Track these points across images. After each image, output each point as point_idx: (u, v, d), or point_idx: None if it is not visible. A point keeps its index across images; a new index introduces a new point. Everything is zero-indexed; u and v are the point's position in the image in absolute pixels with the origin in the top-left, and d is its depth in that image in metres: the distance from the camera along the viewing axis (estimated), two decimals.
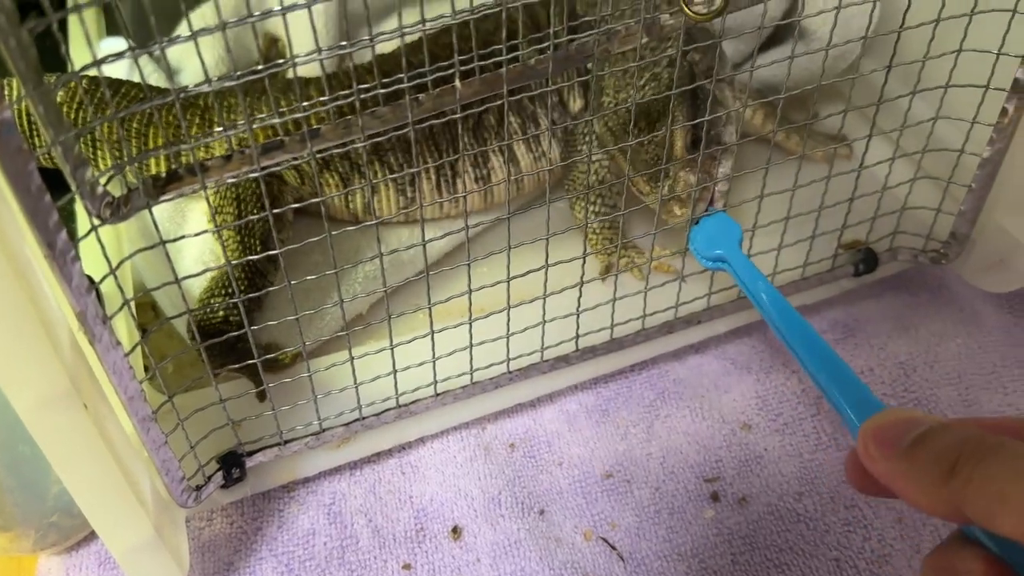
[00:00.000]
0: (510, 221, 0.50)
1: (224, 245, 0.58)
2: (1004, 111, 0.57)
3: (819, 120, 0.60)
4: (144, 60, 0.74)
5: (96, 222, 0.39)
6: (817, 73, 0.55)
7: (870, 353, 0.67)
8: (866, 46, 0.71)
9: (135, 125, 0.62)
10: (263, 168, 0.43)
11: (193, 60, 0.77)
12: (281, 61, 0.40)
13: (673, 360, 0.66)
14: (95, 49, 0.37)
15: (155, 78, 0.74)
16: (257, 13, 0.38)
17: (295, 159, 0.43)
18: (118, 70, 0.70)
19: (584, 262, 0.54)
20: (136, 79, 0.67)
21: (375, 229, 0.47)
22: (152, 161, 0.62)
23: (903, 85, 0.57)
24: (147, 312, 0.65)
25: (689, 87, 0.54)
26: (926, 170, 0.62)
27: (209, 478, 0.53)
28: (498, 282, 0.52)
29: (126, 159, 0.40)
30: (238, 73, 0.39)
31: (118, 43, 0.79)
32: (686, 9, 0.42)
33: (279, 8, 0.37)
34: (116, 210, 0.40)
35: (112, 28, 0.83)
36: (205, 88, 0.40)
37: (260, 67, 0.40)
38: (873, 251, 0.65)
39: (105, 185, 0.40)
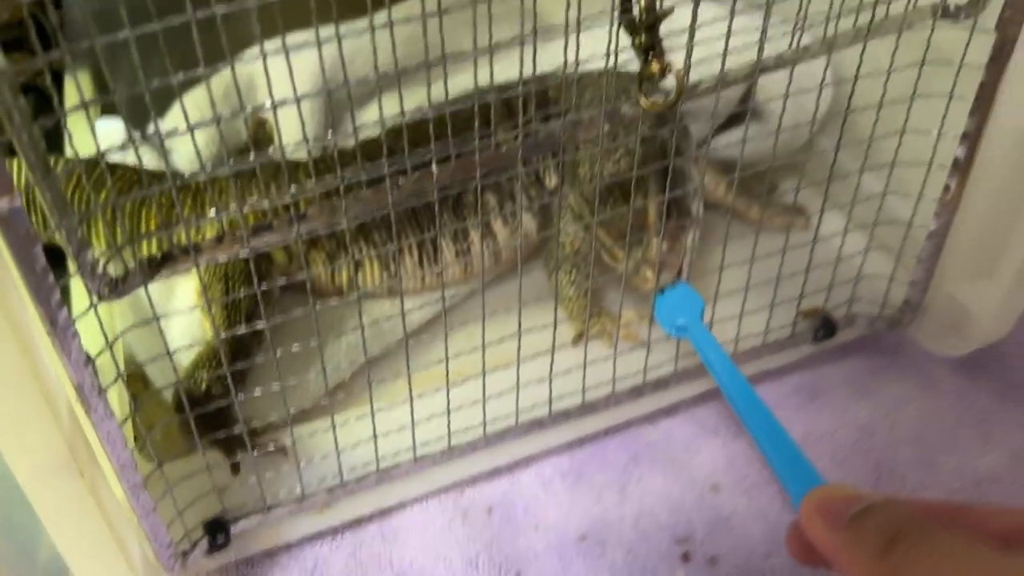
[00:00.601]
0: (484, 291, 0.53)
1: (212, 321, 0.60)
2: (947, 187, 0.61)
3: (777, 193, 0.64)
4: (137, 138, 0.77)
5: (95, 300, 0.42)
6: (776, 148, 0.59)
7: (832, 416, 0.70)
8: (822, 123, 0.75)
9: (129, 206, 0.65)
10: (246, 265, 0.45)
11: (186, 142, 0.80)
12: (270, 150, 0.43)
13: (645, 423, 0.69)
14: (92, 125, 0.40)
15: (149, 155, 0.77)
16: (248, 105, 0.41)
17: (284, 252, 0.46)
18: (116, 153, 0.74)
19: (555, 328, 0.57)
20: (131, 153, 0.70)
21: (358, 302, 0.50)
22: (145, 244, 0.65)
23: (855, 160, 0.61)
24: (137, 382, 0.67)
25: (662, 163, 0.58)
26: (879, 240, 0.66)
27: (195, 544, 0.55)
28: (473, 349, 0.54)
29: (123, 240, 0.42)
30: (231, 160, 0.43)
31: (115, 123, 0.82)
32: (642, 101, 0.46)
33: (269, 102, 0.41)
34: (114, 288, 0.43)
35: (106, 108, 0.86)
36: (199, 176, 0.43)
37: (250, 154, 0.44)
38: (831, 318, 0.68)
39: (105, 265, 0.42)
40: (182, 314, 0.67)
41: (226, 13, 0.37)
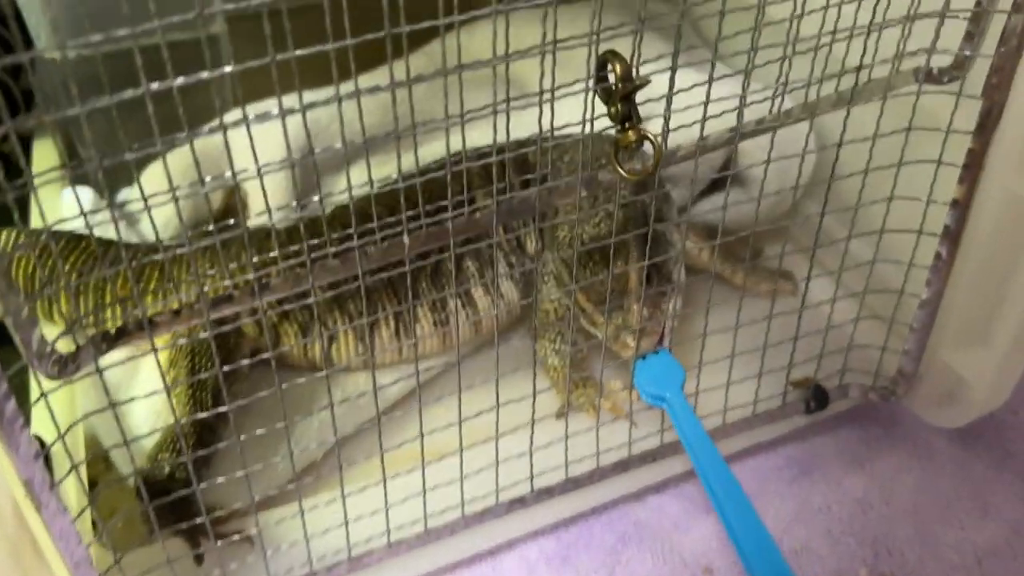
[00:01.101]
0: (461, 363, 0.51)
1: (176, 399, 0.58)
2: (938, 255, 0.59)
3: (763, 258, 0.63)
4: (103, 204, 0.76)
5: (48, 386, 0.40)
6: (759, 213, 0.57)
7: (827, 490, 0.67)
8: (808, 188, 0.74)
9: (93, 279, 0.63)
10: (216, 322, 0.43)
11: (157, 210, 0.78)
12: (231, 222, 0.42)
13: (633, 500, 0.66)
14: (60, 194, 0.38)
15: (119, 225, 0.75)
16: (222, 173, 0.39)
17: (251, 312, 0.44)
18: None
19: (535, 399, 0.54)
20: (98, 230, 0.68)
21: (330, 376, 0.47)
22: (108, 315, 0.62)
23: (842, 226, 0.59)
24: (98, 464, 0.64)
25: (642, 230, 0.56)
26: (870, 308, 0.64)
27: None
28: (449, 425, 0.52)
29: (79, 316, 0.40)
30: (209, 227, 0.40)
31: (83, 192, 0.80)
32: (619, 169, 0.44)
33: (242, 170, 0.39)
34: (64, 367, 0.41)
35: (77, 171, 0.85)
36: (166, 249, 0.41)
37: (221, 224, 0.42)
38: (823, 388, 0.66)
39: (53, 343, 0.40)
40: (146, 386, 0.64)
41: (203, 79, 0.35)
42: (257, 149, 0.40)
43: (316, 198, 0.42)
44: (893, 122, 0.54)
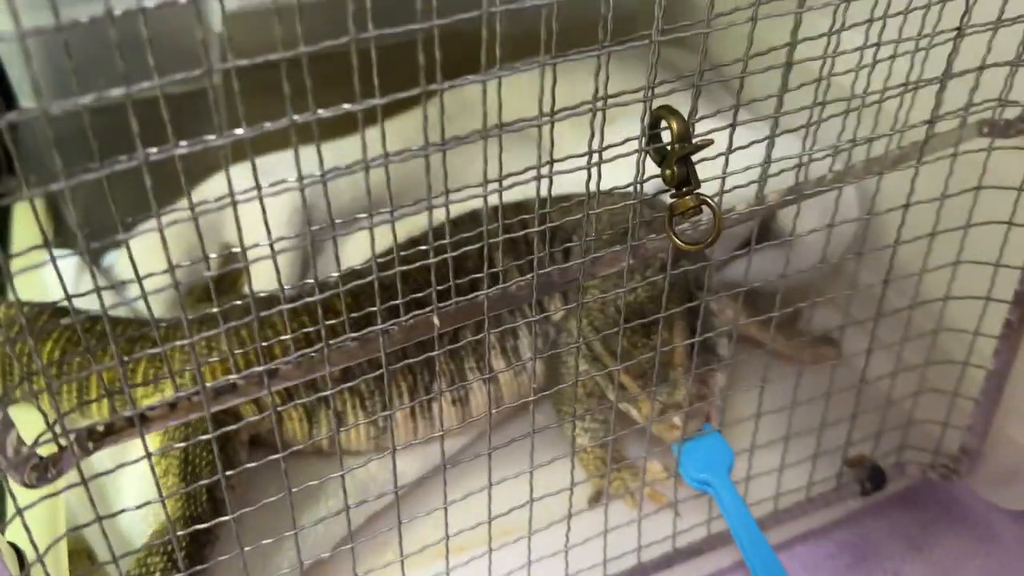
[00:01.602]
0: (491, 456, 0.46)
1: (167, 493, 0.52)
2: (1008, 322, 0.54)
3: (802, 322, 0.58)
4: (87, 275, 0.71)
5: (27, 498, 0.34)
6: (803, 276, 0.52)
7: None
8: (856, 254, 0.69)
9: (78, 360, 0.57)
10: (216, 422, 0.38)
11: (147, 279, 0.73)
12: (238, 302, 0.36)
13: None
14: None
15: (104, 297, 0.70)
16: (217, 240, 0.34)
17: (255, 403, 0.39)
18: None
19: (572, 493, 0.49)
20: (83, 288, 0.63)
21: (341, 465, 0.42)
22: (94, 405, 0.57)
23: (900, 295, 0.54)
24: (83, 560, 0.58)
25: (686, 305, 0.51)
26: (931, 381, 0.59)
27: None
28: (478, 524, 0.46)
29: (59, 415, 0.35)
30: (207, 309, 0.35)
31: (67, 259, 0.75)
32: (675, 240, 0.39)
33: (246, 245, 0.34)
34: (43, 473, 0.35)
35: (57, 237, 0.79)
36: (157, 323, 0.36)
37: (218, 297, 0.37)
38: (880, 468, 0.61)
39: (33, 446, 0.35)
40: (136, 475, 0.59)
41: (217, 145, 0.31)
42: (259, 215, 0.34)
43: (329, 271, 0.37)
44: (950, 181, 0.50)
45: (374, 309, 0.38)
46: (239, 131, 0.30)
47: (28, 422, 0.36)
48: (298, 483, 0.58)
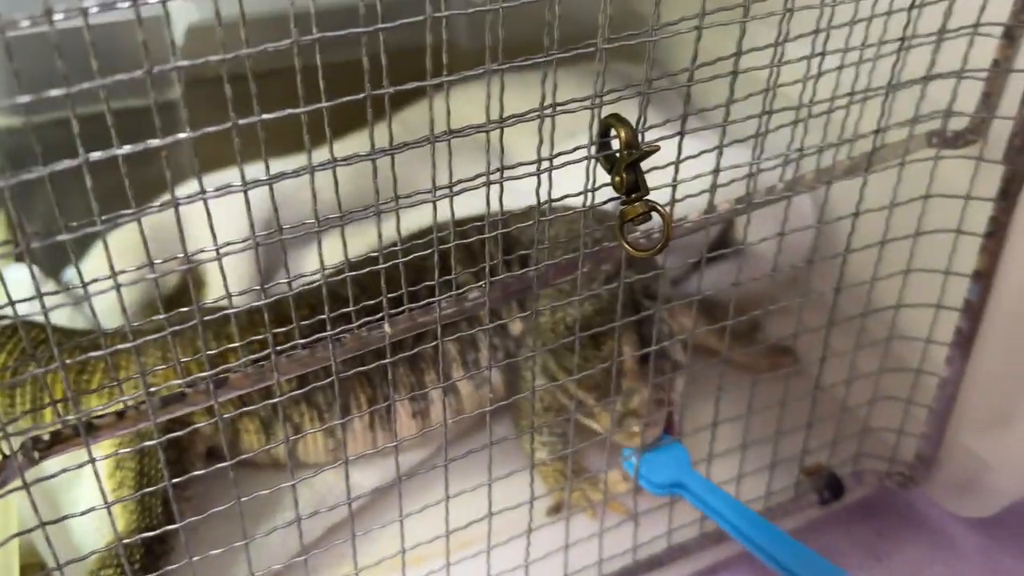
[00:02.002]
0: (447, 468, 0.45)
1: (122, 506, 0.52)
2: (959, 330, 0.55)
3: (761, 334, 0.58)
4: (50, 285, 0.70)
5: None
6: (759, 286, 0.53)
7: None
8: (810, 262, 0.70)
9: (30, 367, 0.57)
10: (166, 425, 0.38)
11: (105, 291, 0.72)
12: (185, 310, 0.36)
13: None
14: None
15: (62, 310, 0.69)
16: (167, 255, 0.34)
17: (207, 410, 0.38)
18: (21, 307, 0.65)
19: (532, 507, 0.49)
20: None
21: (292, 474, 0.42)
22: (47, 413, 0.56)
23: (854, 303, 0.55)
24: (36, 571, 0.57)
25: (634, 317, 0.51)
26: (885, 389, 0.59)
27: None
28: (436, 538, 0.46)
29: (2, 424, 0.34)
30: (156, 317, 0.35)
31: (20, 271, 0.74)
32: (627, 247, 0.40)
33: (197, 252, 0.34)
34: None
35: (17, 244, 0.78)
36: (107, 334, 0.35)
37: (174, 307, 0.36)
38: (837, 477, 0.61)
39: None
40: (90, 480, 0.58)
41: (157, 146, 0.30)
42: (217, 223, 0.35)
43: (283, 279, 0.37)
44: (899, 190, 0.50)
45: (323, 316, 0.38)
46: (182, 135, 0.30)
47: None
48: (257, 499, 0.58)
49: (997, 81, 0.49)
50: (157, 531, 0.43)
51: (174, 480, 0.39)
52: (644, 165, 0.39)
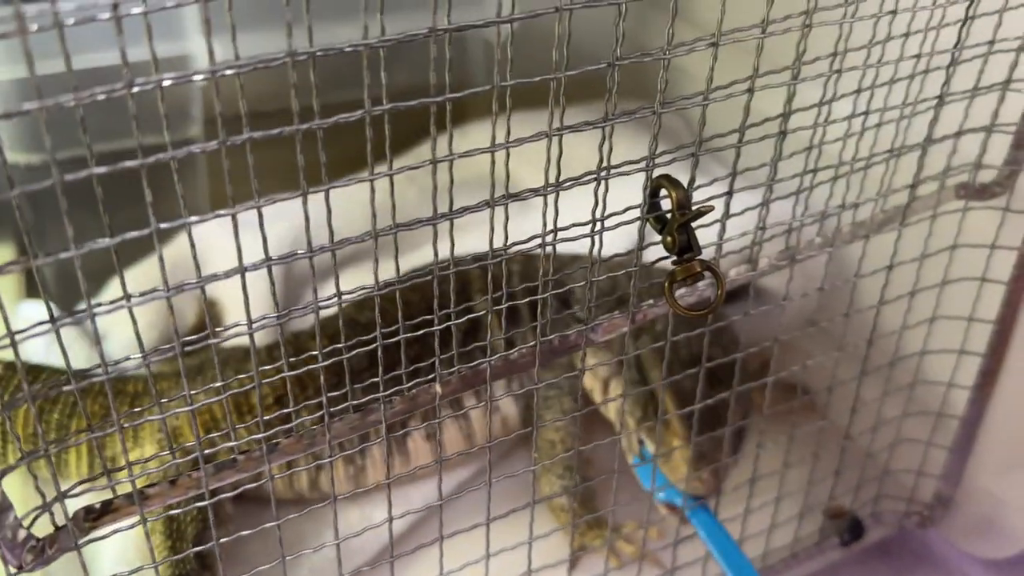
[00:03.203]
0: (442, 508, 0.45)
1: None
2: (982, 373, 0.55)
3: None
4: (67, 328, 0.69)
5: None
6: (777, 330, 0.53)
7: None
8: (833, 317, 0.70)
9: (56, 417, 0.56)
10: (212, 493, 0.37)
11: (120, 327, 0.71)
12: (201, 335, 0.35)
13: None
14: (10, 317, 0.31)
15: (77, 347, 0.68)
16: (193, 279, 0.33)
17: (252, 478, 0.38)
18: (36, 345, 0.64)
19: (530, 547, 0.47)
20: (55, 356, 0.61)
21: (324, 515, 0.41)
22: (72, 459, 0.55)
23: (880, 353, 0.55)
24: None
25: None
26: (906, 432, 0.60)
27: None
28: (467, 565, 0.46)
29: (60, 494, 0.34)
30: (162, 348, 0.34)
31: (37, 308, 0.73)
32: (676, 306, 0.39)
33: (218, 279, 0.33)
34: (40, 554, 0.34)
35: (32, 288, 0.77)
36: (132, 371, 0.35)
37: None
38: (859, 520, 0.61)
39: (30, 525, 0.33)
40: (114, 542, 0.57)
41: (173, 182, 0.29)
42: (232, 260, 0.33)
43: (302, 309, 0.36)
44: (921, 242, 0.51)
45: (375, 379, 0.38)
46: (161, 155, 0.28)
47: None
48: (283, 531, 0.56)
49: None
50: None
51: (220, 541, 0.38)
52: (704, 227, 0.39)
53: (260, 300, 0.68)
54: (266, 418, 0.37)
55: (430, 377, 0.39)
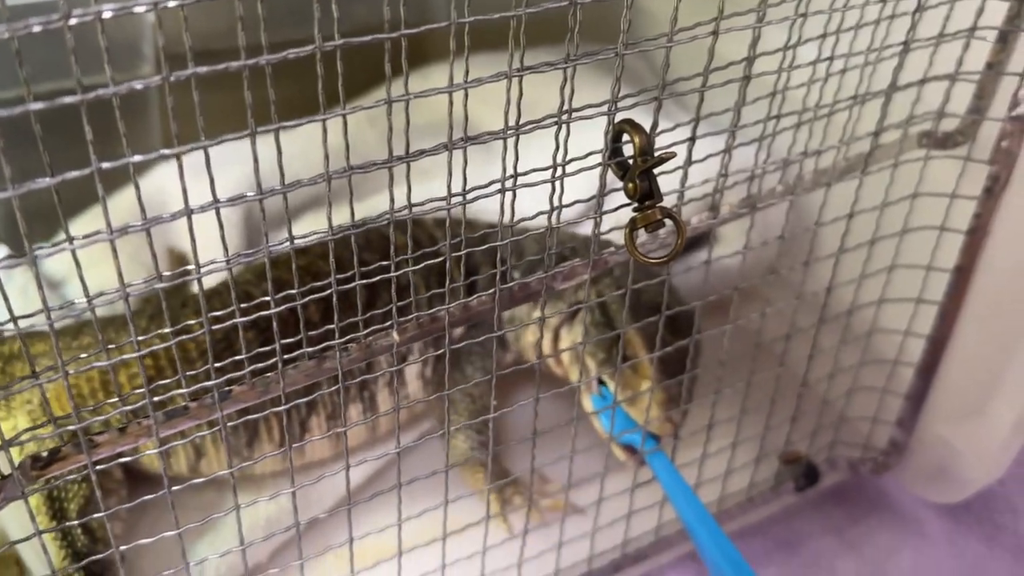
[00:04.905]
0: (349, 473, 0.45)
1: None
2: (938, 322, 0.56)
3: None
4: (22, 270, 0.67)
5: None
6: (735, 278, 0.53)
7: (818, 575, 0.63)
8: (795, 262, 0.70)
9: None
10: (161, 441, 0.36)
11: (88, 271, 0.69)
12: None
13: None
14: None
15: (32, 289, 0.66)
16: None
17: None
18: None
19: (446, 514, 0.47)
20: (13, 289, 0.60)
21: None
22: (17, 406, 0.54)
23: (838, 302, 0.56)
24: (11, 567, 0.55)
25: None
26: (863, 380, 0.60)
27: None
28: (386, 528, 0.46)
29: (4, 443, 0.33)
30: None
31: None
32: (637, 254, 0.39)
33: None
34: None
35: None
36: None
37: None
38: (814, 465, 0.62)
39: None
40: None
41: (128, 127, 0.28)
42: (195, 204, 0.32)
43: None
44: (882, 190, 0.51)
45: (331, 326, 0.37)
46: (101, 90, 0.27)
47: None
48: (196, 510, 0.55)
49: (989, 84, 0.49)
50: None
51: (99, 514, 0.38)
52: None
53: (219, 245, 0.67)
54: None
55: (386, 324, 0.38)
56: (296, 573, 0.45)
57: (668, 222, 0.39)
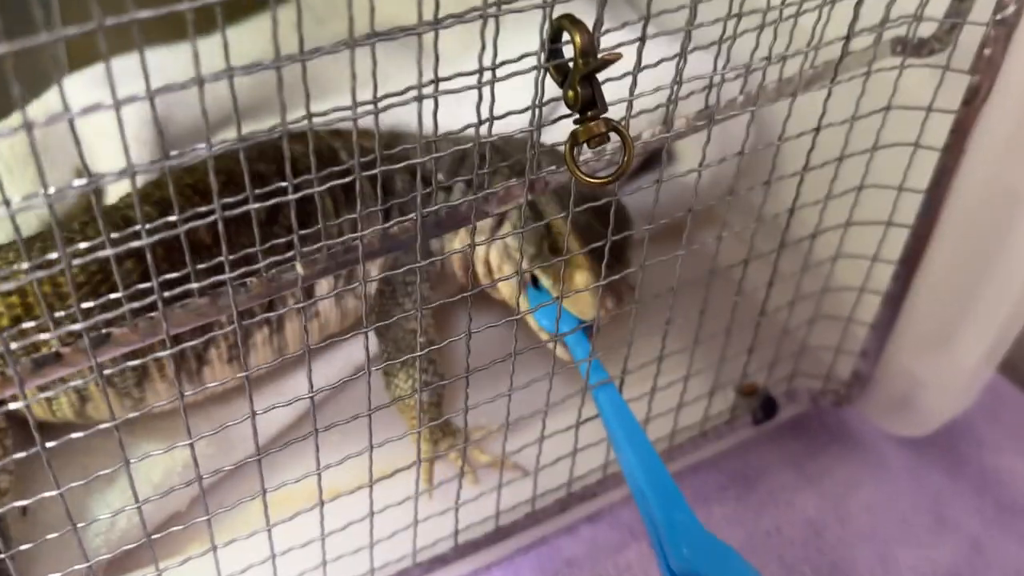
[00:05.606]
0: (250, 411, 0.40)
1: None
2: (909, 246, 0.52)
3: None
4: None
5: None
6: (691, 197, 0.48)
7: (776, 510, 0.60)
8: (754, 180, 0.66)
9: None
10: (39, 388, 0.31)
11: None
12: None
13: (566, 535, 0.57)
14: None
15: None
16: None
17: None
18: None
19: (371, 450, 0.42)
20: None
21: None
22: None
23: (801, 225, 0.51)
24: None
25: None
26: (826, 309, 0.57)
27: None
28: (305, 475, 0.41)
29: None
30: None
31: None
32: (578, 174, 0.34)
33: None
34: None
35: None
36: None
37: None
38: (772, 397, 0.59)
39: None
40: None
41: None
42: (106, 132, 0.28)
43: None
44: (852, 102, 0.46)
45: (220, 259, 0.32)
46: None
47: None
48: (106, 455, 0.50)
49: None
50: None
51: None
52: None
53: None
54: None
55: (289, 254, 0.33)
56: (219, 521, 0.41)
57: (614, 136, 0.34)
